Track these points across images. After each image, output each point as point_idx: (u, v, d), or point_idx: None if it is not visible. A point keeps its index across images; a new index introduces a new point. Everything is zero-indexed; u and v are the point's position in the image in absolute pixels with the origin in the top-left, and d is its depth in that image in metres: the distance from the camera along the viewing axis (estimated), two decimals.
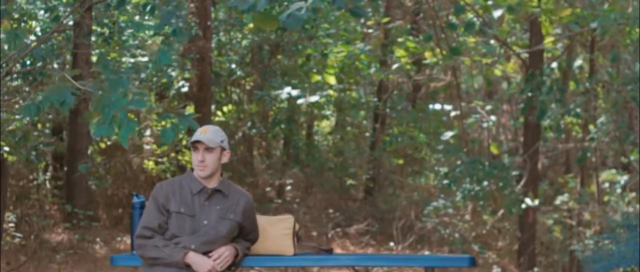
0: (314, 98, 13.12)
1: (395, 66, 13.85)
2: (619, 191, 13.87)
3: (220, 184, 4.72)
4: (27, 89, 8.52)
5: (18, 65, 7.70)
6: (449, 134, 13.02)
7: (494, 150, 12.72)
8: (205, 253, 4.63)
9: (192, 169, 4.75)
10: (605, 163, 16.03)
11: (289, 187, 14.74)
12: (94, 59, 11.20)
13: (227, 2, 6.12)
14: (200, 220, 4.64)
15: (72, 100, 5.74)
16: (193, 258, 4.58)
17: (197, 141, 4.66)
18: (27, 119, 10.29)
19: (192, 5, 12.15)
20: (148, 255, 4.60)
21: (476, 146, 14.86)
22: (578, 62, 12.85)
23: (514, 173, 12.21)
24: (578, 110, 11.66)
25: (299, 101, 13.00)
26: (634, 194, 13.44)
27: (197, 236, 4.62)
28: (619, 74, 11.76)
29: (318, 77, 13.31)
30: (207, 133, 4.69)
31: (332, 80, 13.48)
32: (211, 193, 4.68)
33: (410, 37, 13.13)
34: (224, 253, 4.64)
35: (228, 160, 4.77)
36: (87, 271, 9.96)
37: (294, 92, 12.75)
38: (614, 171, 14.56)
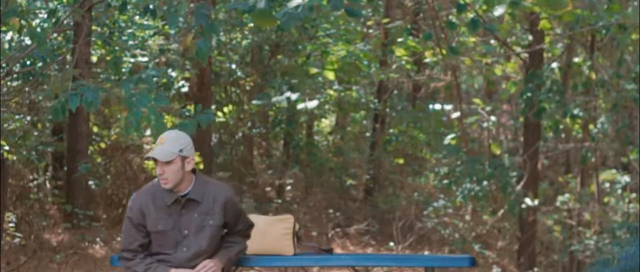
0: (313, 103, 13.09)
1: (394, 66, 13.85)
2: (619, 191, 13.87)
3: (193, 190, 4.51)
4: (27, 89, 8.53)
5: (18, 65, 7.70)
6: (450, 137, 13.03)
7: (495, 150, 12.72)
8: (192, 266, 4.53)
9: None
10: (605, 163, 16.04)
11: (289, 187, 14.74)
12: (94, 59, 11.21)
13: (228, 5, 6.13)
14: (181, 231, 4.51)
15: (98, 100, 5.70)
16: None
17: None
18: (28, 118, 10.29)
19: (192, 5, 12.15)
20: None
21: (476, 145, 14.87)
22: (577, 59, 12.86)
23: (513, 174, 12.22)
24: (576, 111, 11.66)
25: (299, 106, 12.97)
26: (634, 195, 13.44)
27: (180, 248, 4.50)
28: (619, 74, 11.75)
29: (316, 71, 13.28)
30: (164, 144, 4.49)
31: (331, 75, 13.47)
32: (185, 203, 4.51)
33: (410, 37, 13.14)
34: (208, 265, 4.53)
35: (193, 165, 4.51)
36: (87, 271, 9.96)
37: (294, 96, 12.72)
38: (614, 171, 14.57)
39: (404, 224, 13.68)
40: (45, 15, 8.97)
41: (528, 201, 11.73)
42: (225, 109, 14.16)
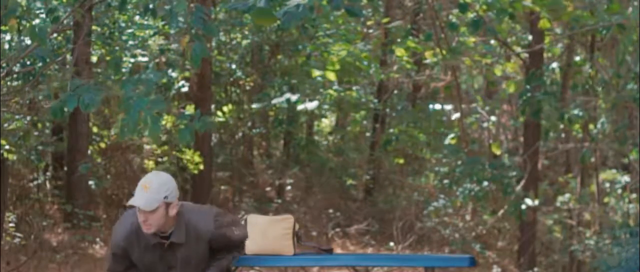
0: (313, 104, 13.06)
1: (395, 66, 13.85)
2: (619, 191, 13.87)
3: (175, 232, 4.36)
4: (27, 89, 8.52)
5: (18, 65, 7.70)
6: (450, 137, 13.02)
7: (495, 150, 12.71)
8: None
9: None
10: (605, 163, 16.03)
11: (289, 187, 14.74)
12: (94, 59, 11.21)
13: (228, 5, 6.13)
14: (168, 263, 4.45)
15: (96, 101, 5.65)
16: None
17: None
18: (28, 118, 10.29)
19: (192, 5, 12.14)
20: None
21: (476, 146, 14.87)
22: (578, 58, 12.87)
23: (513, 174, 12.22)
24: (576, 111, 11.65)
25: (299, 107, 12.95)
26: (634, 195, 13.43)
27: None
28: (619, 74, 11.75)
29: (318, 73, 13.29)
30: (147, 192, 4.23)
31: (332, 76, 13.47)
32: (168, 247, 4.39)
33: (410, 37, 13.14)
34: None
35: (177, 210, 4.31)
36: (87, 271, 9.96)
37: (294, 97, 12.70)
38: (614, 171, 14.56)
39: (404, 224, 13.68)
40: (45, 15, 8.98)
41: (528, 201, 11.73)
42: (225, 109, 14.16)
